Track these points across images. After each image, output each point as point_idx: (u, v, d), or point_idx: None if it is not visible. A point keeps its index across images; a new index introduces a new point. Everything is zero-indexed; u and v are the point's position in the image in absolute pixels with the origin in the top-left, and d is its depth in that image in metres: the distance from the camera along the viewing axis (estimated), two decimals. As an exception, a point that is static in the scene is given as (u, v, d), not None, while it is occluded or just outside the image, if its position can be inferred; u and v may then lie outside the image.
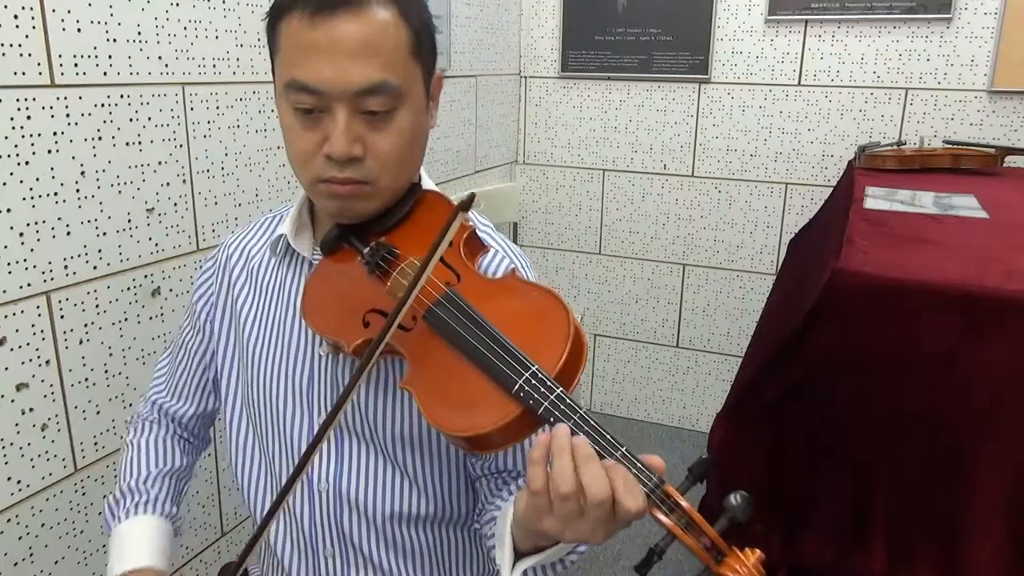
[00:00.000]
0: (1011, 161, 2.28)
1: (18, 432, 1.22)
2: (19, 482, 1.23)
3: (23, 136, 1.16)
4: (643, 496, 0.64)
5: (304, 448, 0.95)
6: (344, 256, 0.90)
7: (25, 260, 1.19)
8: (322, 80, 0.79)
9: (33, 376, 1.23)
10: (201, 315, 1.05)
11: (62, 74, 1.21)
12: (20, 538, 1.24)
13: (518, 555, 0.77)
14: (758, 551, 0.65)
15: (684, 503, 0.65)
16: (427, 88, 0.88)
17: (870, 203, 1.71)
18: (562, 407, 0.67)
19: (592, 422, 0.67)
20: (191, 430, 1.12)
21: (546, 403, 0.67)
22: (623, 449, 0.66)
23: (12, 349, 1.19)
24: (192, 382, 1.08)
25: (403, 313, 0.74)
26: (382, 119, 0.83)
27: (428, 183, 0.97)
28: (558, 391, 0.67)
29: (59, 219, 1.23)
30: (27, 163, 1.17)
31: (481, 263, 0.91)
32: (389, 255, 0.85)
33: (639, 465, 0.66)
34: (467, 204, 0.72)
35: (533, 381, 0.68)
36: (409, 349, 0.78)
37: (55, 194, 1.22)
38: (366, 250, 0.86)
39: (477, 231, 0.88)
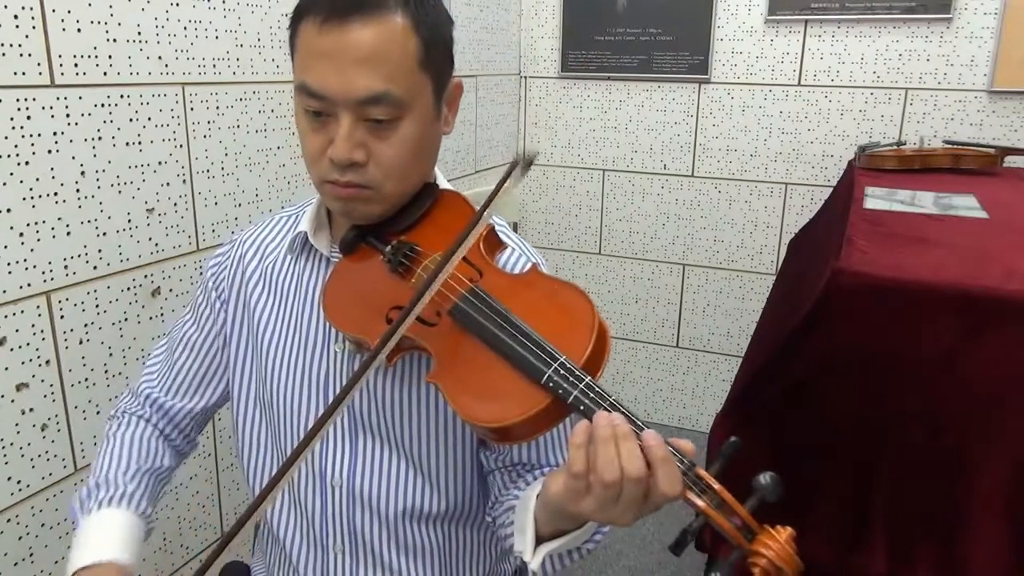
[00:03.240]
0: (1011, 161, 2.27)
1: (18, 432, 1.22)
2: (19, 482, 1.23)
3: (23, 136, 1.16)
4: (680, 480, 0.66)
5: (320, 445, 0.95)
6: (364, 255, 0.91)
7: (25, 260, 1.19)
8: (327, 87, 0.81)
9: (33, 376, 1.23)
10: (215, 306, 1.04)
11: (62, 74, 1.21)
12: (20, 538, 1.24)
13: (540, 540, 0.78)
14: (789, 528, 0.66)
15: (716, 484, 0.67)
16: (438, 96, 0.89)
17: (870, 203, 1.71)
18: (592, 395, 0.68)
19: (623, 408, 0.68)
20: (181, 429, 1.08)
21: (575, 392, 0.68)
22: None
23: (12, 349, 1.19)
24: (190, 376, 1.06)
25: (423, 303, 0.75)
26: (386, 127, 0.84)
27: (443, 183, 0.98)
28: (587, 380, 0.69)
29: (59, 219, 1.23)
30: (27, 163, 1.17)
31: (499, 260, 0.92)
32: (411, 252, 0.87)
33: (671, 448, 0.67)
34: (530, 160, 0.72)
35: (561, 371, 0.69)
36: (434, 344, 0.79)
37: (55, 194, 1.22)
38: (388, 248, 0.88)
39: (496, 229, 0.89)
